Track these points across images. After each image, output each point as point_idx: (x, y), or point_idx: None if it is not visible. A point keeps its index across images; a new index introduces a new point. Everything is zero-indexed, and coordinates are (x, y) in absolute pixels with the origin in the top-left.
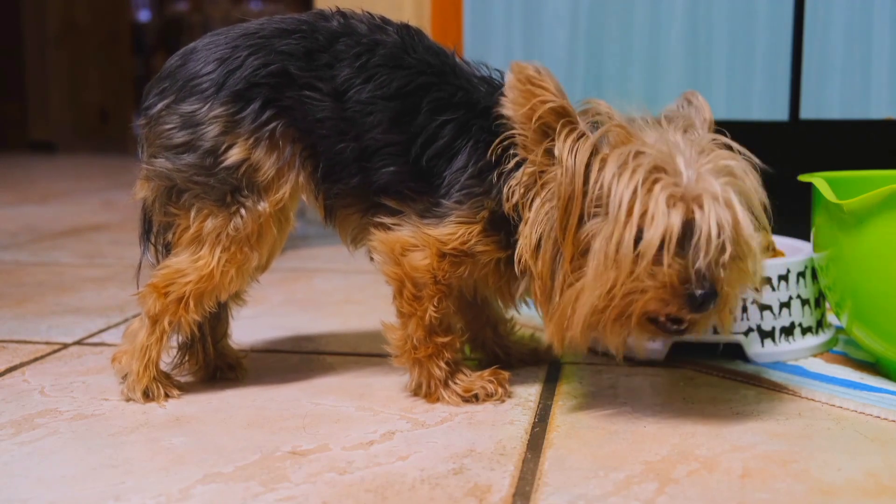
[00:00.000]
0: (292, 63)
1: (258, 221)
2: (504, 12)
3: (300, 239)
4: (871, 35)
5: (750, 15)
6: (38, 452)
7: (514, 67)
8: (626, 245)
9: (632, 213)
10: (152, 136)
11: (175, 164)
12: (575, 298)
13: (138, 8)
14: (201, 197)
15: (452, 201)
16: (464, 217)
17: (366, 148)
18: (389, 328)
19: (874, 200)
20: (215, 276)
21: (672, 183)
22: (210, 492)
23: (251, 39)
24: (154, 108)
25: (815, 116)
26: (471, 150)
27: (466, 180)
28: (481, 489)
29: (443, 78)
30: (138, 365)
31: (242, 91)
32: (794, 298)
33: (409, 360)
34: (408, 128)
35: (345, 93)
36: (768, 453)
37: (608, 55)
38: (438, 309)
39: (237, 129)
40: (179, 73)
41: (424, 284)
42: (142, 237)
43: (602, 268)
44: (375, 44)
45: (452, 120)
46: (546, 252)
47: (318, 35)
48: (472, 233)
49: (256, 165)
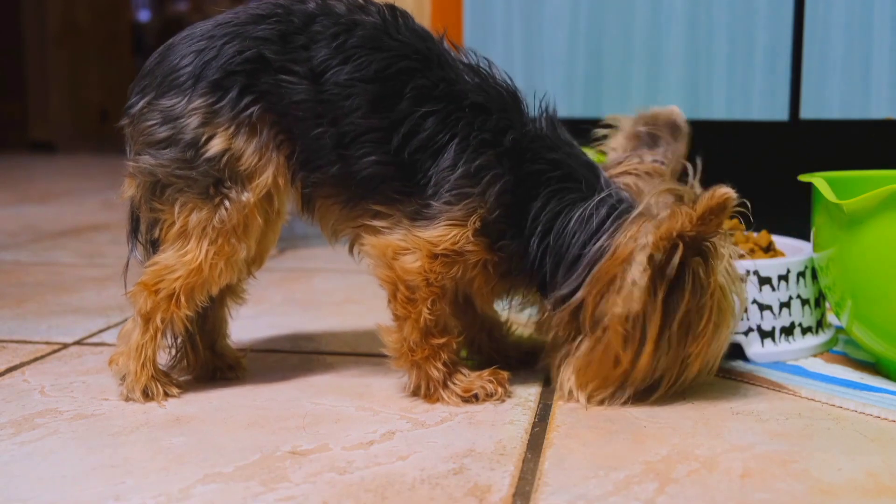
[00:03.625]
0: (267, 47)
1: (243, 212)
2: (504, 12)
3: (300, 239)
4: (871, 35)
5: (750, 15)
6: (38, 452)
7: (720, 196)
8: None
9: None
10: (136, 133)
11: (157, 159)
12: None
13: (138, 8)
14: (184, 191)
15: (442, 202)
16: (455, 219)
17: (344, 133)
18: (385, 331)
19: (874, 200)
20: (204, 269)
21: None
22: (210, 492)
23: (226, 28)
24: (136, 106)
25: (815, 116)
26: (457, 147)
27: (457, 180)
28: (481, 489)
29: (426, 64)
30: (135, 364)
31: (219, 80)
32: (794, 298)
33: (406, 363)
34: (389, 114)
35: (322, 74)
36: (768, 453)
37: (608, 55)
38: (433, 311)
39: (216, 119)
40: (158, 70)
41: (417, 287)
42: (129, 235)
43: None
44: (354, 24)
45: (435, 112)
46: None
47: (294, 17)
48: (462, 235)
49: (238, 154)
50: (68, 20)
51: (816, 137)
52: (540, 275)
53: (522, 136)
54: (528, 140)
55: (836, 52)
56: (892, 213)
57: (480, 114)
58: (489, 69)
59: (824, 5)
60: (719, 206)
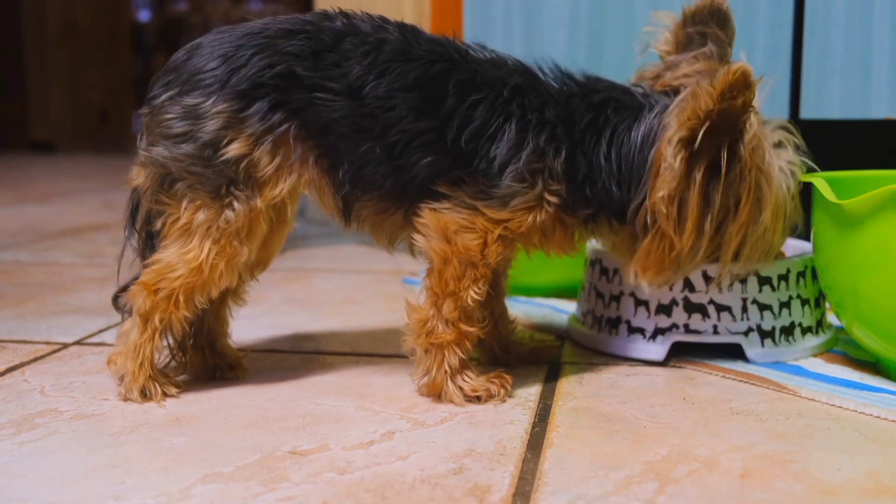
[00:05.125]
0: (299, 64)
1: (249, 216)
2: (504, 12)
3: (300, 239)
4: (871, 35)
5: (750, 15)
6: (38, 452)
7: (736, 70)
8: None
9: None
10: (153, 124)
11: (172, 152)
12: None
13: (138, 8)
14: (195, 188)
15: (513, 180)
16: (530, 201)
17: (395, 143)
18: (413, 308)
19: (874, 200)
20: (204, 269)
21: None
22: (210, 492)
23: (256, 39)
24: (158, 98)
25: (815, 116)
26: (517, 127)
27: (528, 156)
28: (481, 489)
29: (456, 64)
30: (133, 364)
31: (247, 90)
32: (794, 298)
33: (423, 344)
34: (438, 113)
35: (360, 89)
36: (768, 453)
37: (608, 55)
38: (479, 293)
39: (241, 126)
40: (184, 67)
41: (473, 264)
42: (127, 222)
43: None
44: (381, 41)
45: (482, 100)
46: (702, 230)
47: (323, 35)
48: (539, 215)
49: (257, 161)
50: (68, 20)
51: (816, 137)
52: (616, 202)
53: (562, 102)
54: (566, 102)
55: (836, 52)
56: (892, 213)
57: (522, 95)
58: (498, 56)
59: (824, 5)
60: (738, 81)
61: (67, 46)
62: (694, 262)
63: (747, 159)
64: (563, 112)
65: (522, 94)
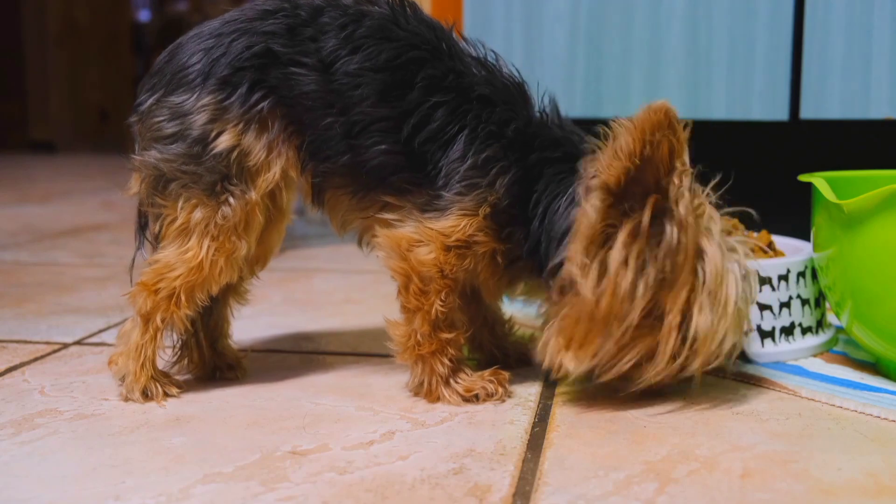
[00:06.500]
0: (275, 41)
1: (246, 210)
2: (504, 12)
3: (300, 239)
4: (871, 35)
5: (750, 15)
6: (38, 452)
7: (657, 109)
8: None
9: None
10: (144, 130)
11: (163, 153)
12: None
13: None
14: (189, 186)
15: (453, 193)
16: (466, 210)
17: (354, 123)
18: (393, 325)
19: (874, 200)
20: (204, 267)
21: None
22: (210, 492)
23: (234, 25)
24: (145, 103)
25: (815, 116)
26: (467, 139)
27: (467, 171)
28: (481, 489)
29: (436, 55)
30: (135, 365)
31: (228, 77)
32: (794, 298)
33: (411, 357)
34: (399, 103)
35: (331, 64)
36: (768, 453)
37: (608, 55)
38: (445, 303)
39: (226, 116)
40: (167, 68)
41: (431, 278)
42: (137, 232)
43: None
44: (362, 14)
45: (444, 103)
46: (627, 295)
47: (301, 11)
48: (472, 224)
49: (247, 150)
50: (68, 20)
51: (816, 137)
52: (541, 257)
53: (527, 126)
54: (533, 129)
55: (836, 52)
56: (892, 213)
57: (487, 106)
58: (496, 62)
59: (824, 5)
60: (660, 121)
61: (67, 46)
62: (622, 326)
63: (685, 223)
64: (525, 137)
65: (489, 106)
